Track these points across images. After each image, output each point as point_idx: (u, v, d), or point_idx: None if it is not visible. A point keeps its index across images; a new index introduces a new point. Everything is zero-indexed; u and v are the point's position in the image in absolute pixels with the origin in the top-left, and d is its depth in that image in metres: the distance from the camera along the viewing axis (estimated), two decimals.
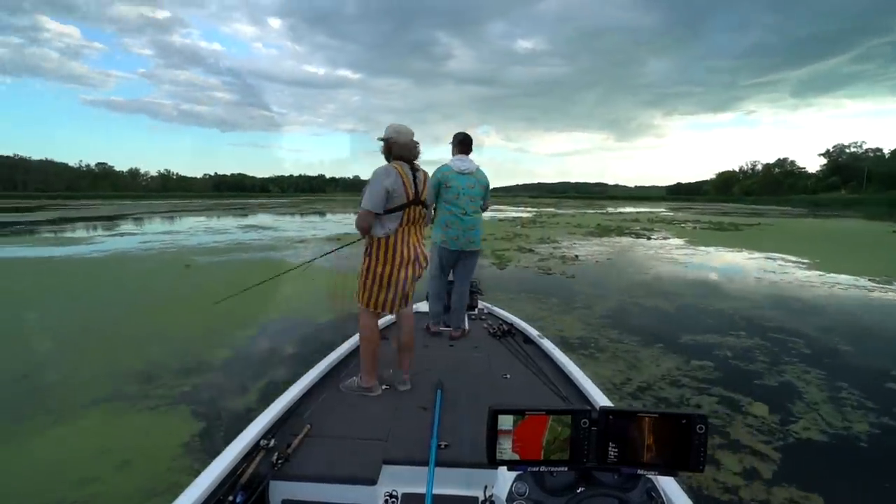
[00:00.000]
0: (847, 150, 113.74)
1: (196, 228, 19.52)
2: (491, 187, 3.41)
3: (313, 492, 1.62)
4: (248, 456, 1.65)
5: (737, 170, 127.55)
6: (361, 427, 1.97)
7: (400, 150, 2.25)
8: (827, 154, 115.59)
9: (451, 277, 3.47)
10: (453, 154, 3.32)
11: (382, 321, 3.14)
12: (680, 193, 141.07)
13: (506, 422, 0.95)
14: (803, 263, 10.62)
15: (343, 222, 23.95)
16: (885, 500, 2.41)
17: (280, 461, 1.64)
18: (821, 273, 9.29)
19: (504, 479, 1.08)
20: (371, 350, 2.30)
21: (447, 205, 3.22)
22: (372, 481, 1.63)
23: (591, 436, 0.96)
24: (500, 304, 4.23)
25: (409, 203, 2.22)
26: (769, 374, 4.02)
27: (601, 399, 2.08)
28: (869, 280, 8.56)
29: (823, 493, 2.40)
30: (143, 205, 48.07)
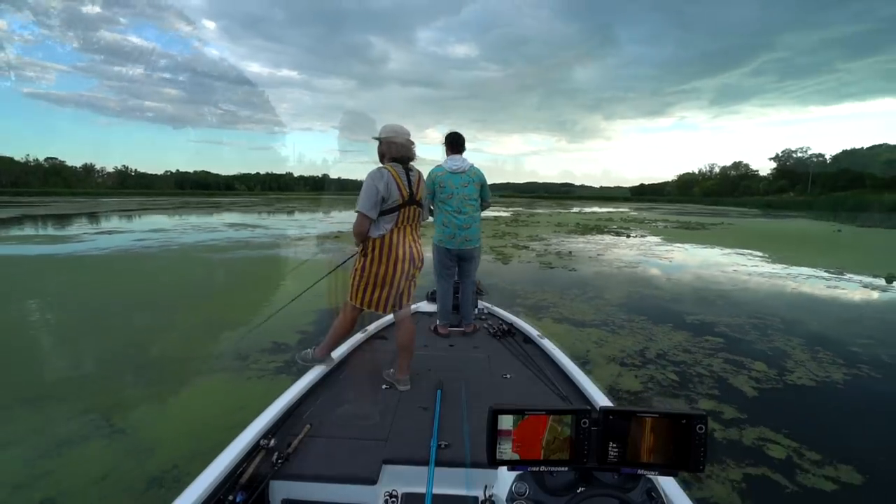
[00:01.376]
0: (794, 155, 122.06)
1: (182, 226, 19.35)
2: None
3: (313, 491, 1.63)
4: (248, 455, 1.66)
5: (696, 172, 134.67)
6: (361, 427, 1.98)
7: (396, 150, 2.25)
8: (776, 158, 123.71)
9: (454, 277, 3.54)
10: (446, 154, 3.37)
11: (383, 321, 3.25)
12: (644, 194, 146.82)
13: (506, 422, 0.95)
14: (768, 258, 11.95)
15: (329, 220, 24.20)
16: (858, 422, 3.29)
17: (280, 461, 1.64)
18: (784, 266, 10.58)
19: (504, 479, 1.07)
20: (338, 337, 2.42)
21: (442, 205, 3.30)
22: (372, 481, 1.64)
23: (592, 436, 0.96)
24: (517, 295, 4.84)
25: (404, 203, 2.23)
26: (760, 341, 4.94)
27: (601, 399, 2.10)
28: (824, 271, 9.86)
29: (808, 422, 3.29)
30: (112, 203, 46.15)
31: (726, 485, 2.50)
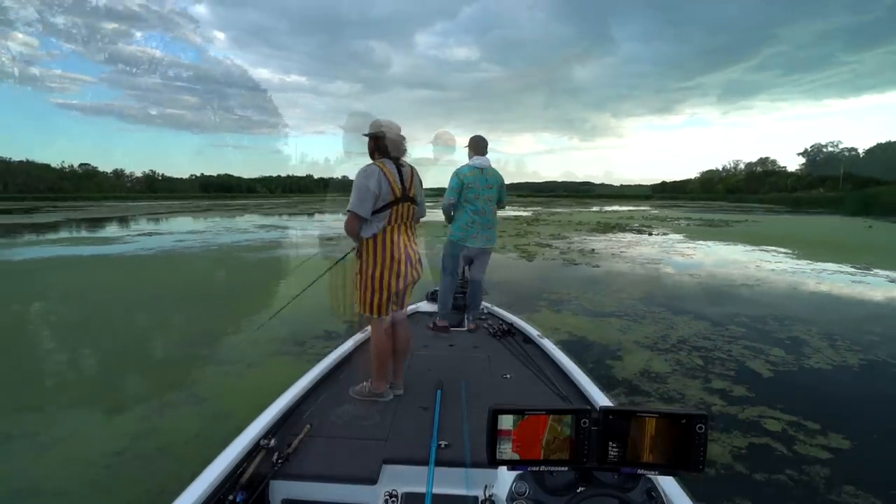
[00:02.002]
0: (824, 150, 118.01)
1: (214, 228, 20.25)
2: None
3: (314, 491, 1.63)
4: (248, 455, 1.66)
5: (720, 168, 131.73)
6: (362, 427, 1.98)
7: (387, 146, 2.17)
8: (805, 153, 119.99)
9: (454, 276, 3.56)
10: (469, 156, 3.45)
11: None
12: (665, 192, 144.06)
13: (506, 422, 0.95)
14: (793, 255, 11.96)
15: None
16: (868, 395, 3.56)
17: (280, 461, 1.64)
18: (809, 262, 10.62)
19: (504, 478, 1.07)
20: (383, 358, 2.26)
21: (467, 204, 3.36)
22: (372, 481, 1.64)
23: (592, 435, 0.96)
24: (543, 290, 5.10)
25: (396, 201, 2.15)
26: (780, 330, 5.19)
27: (601, 399, 2.10)
28: (851, 267, 9.89)
29: (827, 400, 3.59)
30: (142, 206, 48.11)
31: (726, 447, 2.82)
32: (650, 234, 17.72)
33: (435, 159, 3.31)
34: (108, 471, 2.61)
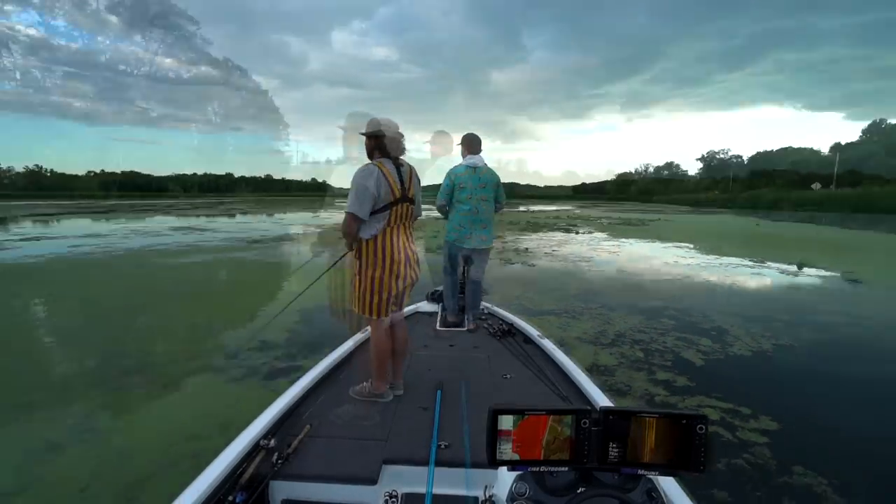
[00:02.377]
0: (717, 156, 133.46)
1: (120, 231, 18.09)
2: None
3: (314, 491, 1.63)
4: (248, 456, 1.66)
5: (633, 171, 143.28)
6: (362, 427, 1.98)
7: (387, 145, 2.14)
8: (702, 159, 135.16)
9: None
10: (463, 155, 3.44)
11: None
12: (585, 193, 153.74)
13: (506, 422, 0.95)
14: (700, 250, 13.24)
15: (282, 223, 23.57)
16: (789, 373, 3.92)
17: (280, 461, 1.64)
18: (717, 256, 11.77)
19: (504, 479, 1.07)
20: (383, 359, 2.25)
21: (459, 204, 3.34)
22: (372, 481, 1.64)
23: (592, 436, 0.96)
24: (494, 292, 5.17)
25: (395, 201, 2.13)
26: (704, 321, 5.61)
27: (601, 399, 2.09)
28: (749, 260, 11.09)
29: (747, 381, 3.89)
30: (23, 206, 41.86)
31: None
32: (577, 232, 18.70)
33: (433, 159, 3.28)
34: None
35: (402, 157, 2.21)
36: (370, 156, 2.19)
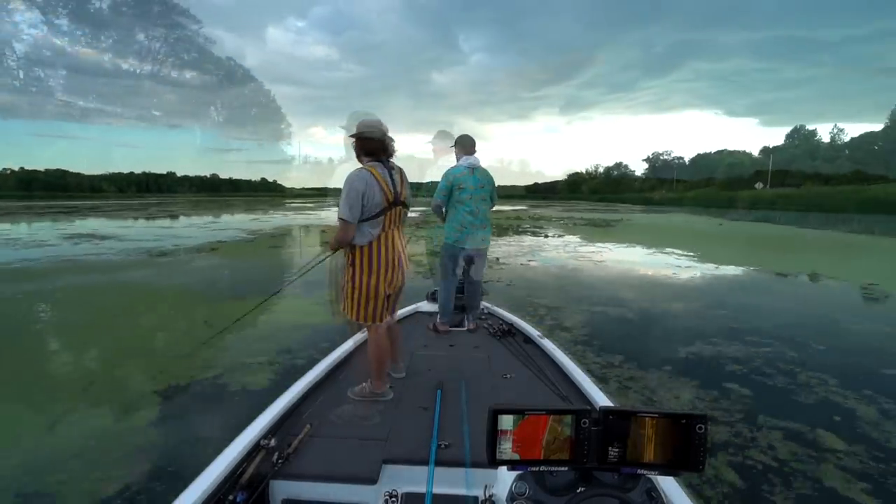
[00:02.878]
0: (661, 158, 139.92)
1: None
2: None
3: (314, 491, 1.61)
4: (248, 455, 1.63)
5: (583, 171, 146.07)
6: (362, 427, 1.96)
7: (374, 147, 2.09)
8: (648, 160, 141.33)
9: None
10: (458, 156, 3.39)
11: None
12: (538, 192, 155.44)
13: (506, 422, 0.95)
14: (696, 256, 11.87)
15: (214, 227, 20.35)
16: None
17: (280, 461, 1.63)
18: (716, 265, 10.42)
19: (504, 478, 1.04)
20: (382, 360, 2.25)
21: (460, 205, 3.30)
22: (372, 481, 1.62)
23: (592, 436, 0.95)
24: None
25: (389, 206, 2.09)
26: (683, 316, 3.87)
27: (601, 399, 2.08)
28: (755, 268, 9.81)
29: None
30: None
31: None
32: (546, 236, 17.01)
33: (435, 159, 3.48)
34: None
35: (391, 159, 2.19)
36: (358, 158, 2.16)
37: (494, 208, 3.59)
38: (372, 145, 2.09)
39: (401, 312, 2.59)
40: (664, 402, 3.40)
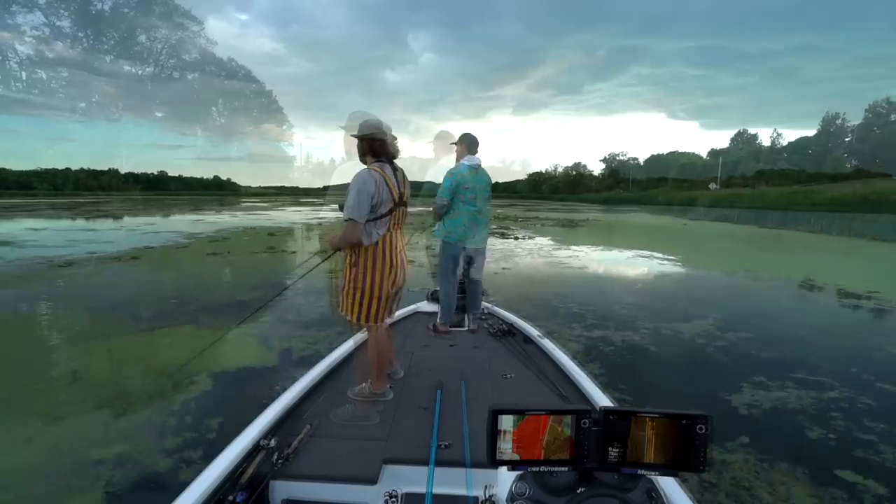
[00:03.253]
0: (617, 158, 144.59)
1: None
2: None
3: (314, 491, 1.61)
4: (248, 455, 1.63)
5: (543, 171, 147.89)
6: (362, 427, 1.96)
7: (381, 148, 2.12)
8: (605, 160, 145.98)
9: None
10: (461, 155, 3.38)
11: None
12: (498, 191, 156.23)
13: (506, 422, 0.95)
14: (665, 259, 11.13)
15: (143, 230, 17.93)
16: None
17: (280, 461, 1.63)
18: (707, 269, 9.65)
19: (505, 479, 1.05)
20: (382, 360, 2.24)
21: (465, 205, 3.27)
22: (372, 481, 1.62)
23: (592, 436, 0.95)
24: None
25: (395, 207, 2.12)
26: (704, 341, 2.85)
27: (602, 399, 2.07)
28: (745, 273, 9.12)
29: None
30: None
31: None
32: (516, 237, 15.98)
33: (436, 158, 3.50)
34: None
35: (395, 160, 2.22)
36: (362, 158, 2.17)
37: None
38: (379, 146, 2.11)
39: (401, 312, 2.53)
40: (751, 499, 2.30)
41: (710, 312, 6.00)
